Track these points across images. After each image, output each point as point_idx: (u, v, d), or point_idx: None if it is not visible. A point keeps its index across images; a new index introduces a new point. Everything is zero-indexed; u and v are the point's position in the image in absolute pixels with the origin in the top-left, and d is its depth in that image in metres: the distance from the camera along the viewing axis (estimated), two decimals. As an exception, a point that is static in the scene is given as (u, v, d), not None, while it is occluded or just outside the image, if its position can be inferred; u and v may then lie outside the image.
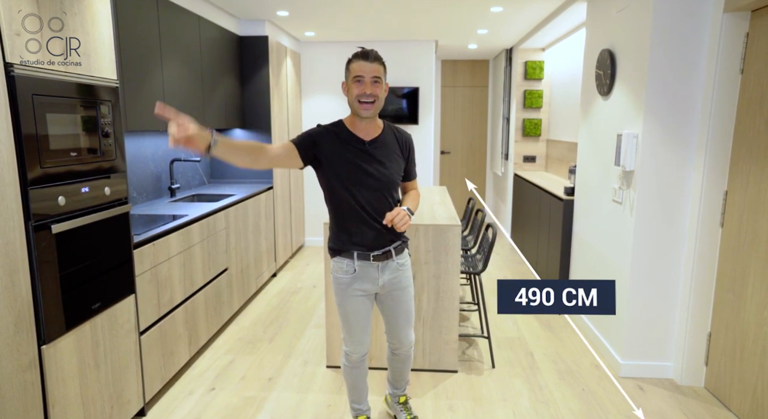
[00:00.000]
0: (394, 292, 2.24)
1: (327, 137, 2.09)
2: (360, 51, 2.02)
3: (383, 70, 2.02)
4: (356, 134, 2.10)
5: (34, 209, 1.85)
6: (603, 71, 3.36)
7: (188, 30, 3.68)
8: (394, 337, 2.33)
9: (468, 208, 4.31)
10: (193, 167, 4.49)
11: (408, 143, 2.22)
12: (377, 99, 2.02)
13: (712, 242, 2.77)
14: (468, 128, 7.68)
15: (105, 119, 2.25)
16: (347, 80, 2.05)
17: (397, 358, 2.41)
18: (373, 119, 2.10)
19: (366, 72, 1.98)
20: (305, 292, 4.56)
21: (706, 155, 2.72)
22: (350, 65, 2.04)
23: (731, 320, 2.66)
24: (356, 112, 2.06)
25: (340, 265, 2.19)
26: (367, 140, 2.10)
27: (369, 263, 2.15)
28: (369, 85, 1.99)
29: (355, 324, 2.22)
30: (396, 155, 2.15)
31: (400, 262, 2.22)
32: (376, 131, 2.13)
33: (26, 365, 1.84)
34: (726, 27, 2.58)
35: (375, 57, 2.00)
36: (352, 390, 2.40)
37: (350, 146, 2.08)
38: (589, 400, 2.77)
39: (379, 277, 2.18)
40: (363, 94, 1.99)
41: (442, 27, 5.08)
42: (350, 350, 2.27)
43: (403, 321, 2.29)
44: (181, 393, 2.85)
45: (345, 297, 2.19)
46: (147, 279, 2.61)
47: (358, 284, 2.17)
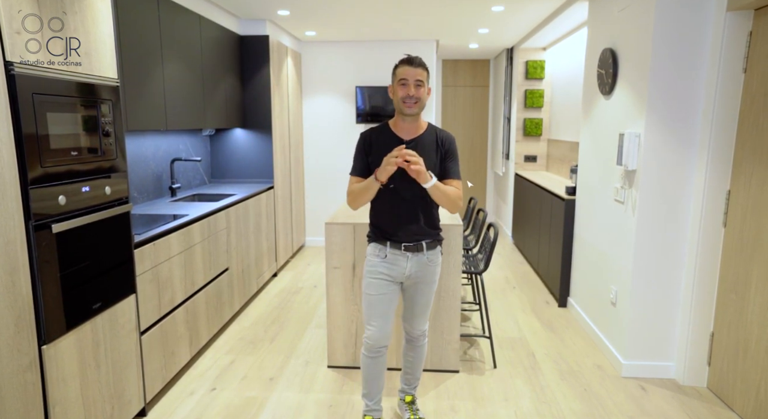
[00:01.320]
0: (419, 284, 2.36)
1: (372, 140, 2.30)
2: (406, 57, 2.22)
3: (426, 75, 2.22)
4: (398, 133, 2.30)
5: (35, 208, 1.84)
6: (605, 70, 3.35)
7: (189, 29, 3.67)
8: (409, 323, 2.47)
9: (469, 207, 4.30)
10: (193, 167, 4.48)
11: (447, 142, 2.32)
12: (420, 100, 2.21)
13: (714, 242, 2.76)
14: (469, 128, 7.67)
15: (105, 118, 2.24)
16: (393, 84, 2.25)
17: (409, 346, 2.52)
18: (416, 119, 2.28)
19: (410, 76, 2.18)
20: (306, 292, 4.56)
21: (709, 154, 2.71)
22: (396, 70, 2.24)
23: (734, 320, 2.65)
24: (401, 110, 2.24)
25: (374, 249, 2.35)
26: (406, 139, 2.27)
27: (400, 252, 2.29)
28: (413, 87, 2.19)
29: (376, 306, 2.31)
30: (433, 154, 2.28)
31: (431, 258, 2.34)
32: (418, 131, 2.30)
33: (26, 365, 1.83)
34: (729, 26, 2.57)
35: (419, 63, 2.21)
36: (365, 382, 2.43)
37: (390, 145, 2.24)
38: (591, 400, 2.76)
39: (407, 267, 2.30)
40: (407, 96, 2.19)
41: (442, 27, 5.07)
42: (369, 335, 2.34)
43: (420, 310, 2.43)
44: (182, 393, 2.84)
45: (372, 279, 2.32)
46: (148, 279, 2.60)
47: (385, 268, 2.30)
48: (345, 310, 3.07)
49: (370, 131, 2.34)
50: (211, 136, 4.88)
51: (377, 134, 2.32)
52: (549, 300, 4.33)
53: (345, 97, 5.93)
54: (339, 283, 3.03)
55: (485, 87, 7.58)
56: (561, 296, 4.15)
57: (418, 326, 2.46)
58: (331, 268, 3.02)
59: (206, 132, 4.70)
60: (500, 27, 5.12)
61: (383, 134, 2.31)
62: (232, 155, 4.92)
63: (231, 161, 4.93)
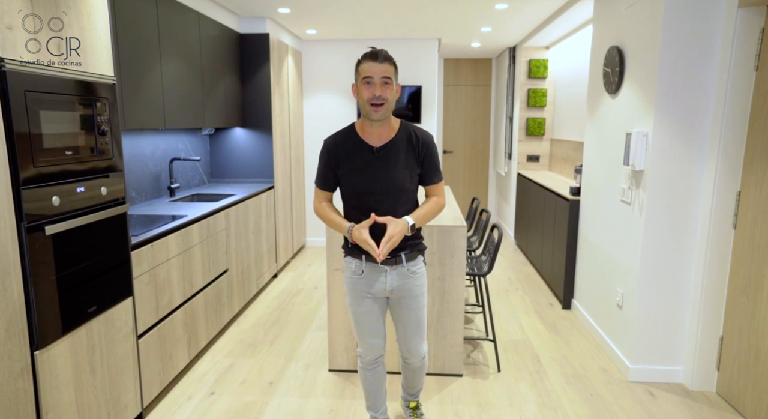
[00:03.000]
0: (404, 299, 2.17)
1: (338, 150, 2.07)
2: (369, 51, 1.95)
3: (394, 71, 1.96)
4: (366, 140, 2.05)
5: (27, 209, 1.78)
6: (611, 69, 3.29)
7: (188, 27, 3.61)
8: (404, 346, 2.27)
9: (472, 208, 4.24)
10: (193, 167, 4.42)
11: (424, 145, 2.07)
12: (387, 101, 1.95)
13: (724, 243, 2.70)
14: (471, 128, 7.61)
15: (102, 117, 2.18)
16: (357, 82, 1.99)
17: (408, 367, 2.37)
18: (385, 123, 2.04)
19: (375, 73, 1.92)
20: (307, 293, 4.50)
21: (719, 154, 2.64)
22: (359, 66, 1.98)
23: (745, 324, 2.59)
24: (367, 115, 1.99)
25: (349, 265, 2.18)
26: (376, 147, 2.04)
27: (377, 265, 2.11)
28: (378, 86, 1.93)
29: (364, 325, 2.19)
30: (409, 160, 2.06)
31: (412, 269, 2.14)
32: (389, 134, 2.06)
33: (18, 372, 1.77)
34: (740, 23, 2.51)
35: (385, 57, 1.93)
36: (367, 394, 2.37)
37: (359, 154, 2.04)
38: (598, 406, 2.70)
39: (387, 281, 2.12)
40: (373, 97, 1.93)
41: (445, 25, 5.01)
42: (363, 351, 2.25)
43: (411, 330, 2.21)
44: (180, 398, 2.78)
45: (354, 298, 2.18)
46: (145, 281, 2.54)
47: (365, 286, 2.14)
48: (346, 313, 3.01)
49: (334, 139, 2.08)
50: (211, 135, 4.82)
51: (342, 141, 2.06)
52: (553, 302, 4.27)
53: (346, 96, 5.87)
54: (340, 285, 2.97)
55: (487, 86, 7.52)
56: (565, 297, 4.09)
57: (415, 348, 2.23)
58: (333, 270, 2.96)
59: (206, 131, 4.64)
60: (503, 25, 5.05)
61: (349, 142, 2.05)
62: (231, 155, 4.86)
63: (231, 161, 4.87)
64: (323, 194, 2.16)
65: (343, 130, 2.11)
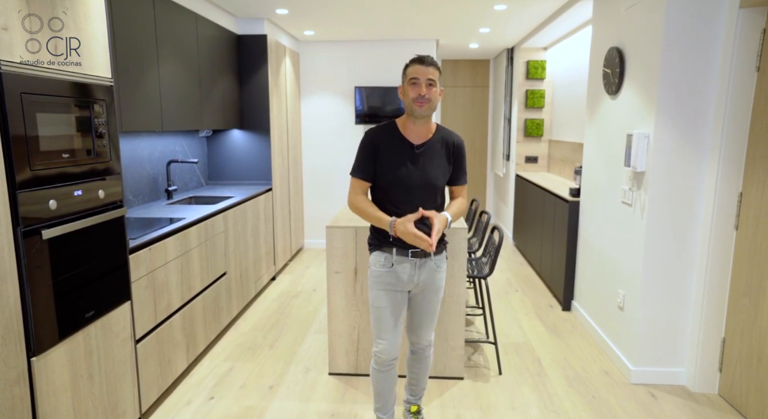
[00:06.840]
0: (426, 293, 2.27)
1: (380, 143, 2.18)
2: (417, 56, 2.14)
3: (438, 75, 2.13)
4: (407, 137, 2.18)
5: (23, 213, 1.75)
6: (611, 70, 3.28)
7: (185, 28, 3.58)
8: (414, 333, 2.37)
9: (472, 209, 4.22)
10: (190, 169, 4.39)
11: (457, 147, 2.24)
12: (431, 100, 2.11)
13: (726, 245, 2.69)
14: (469, 128, 7.60)
15: (99, 119, 2.16)
16: (404, 83, 2.16)
17: (415, 357, 2.43)
18: (426, 122, 2.18)
19: (421, 75, 2.09)
20: (305, 296, 4.47)
21: (721, 155, 2.63)
22: (407, 69, 2.15)
23: (747, 325, 2.58)
24: (412, 111, 2.13)
25: (378, 259, 2.23)
26: (416, 144, 2.17)
27: (407, 259, 2.19)
28: (424, 86, 2.09)
29: (387, 319, 2.22)
30: (443, 160, 2.21)
31: (438, 264, 2.26)
32: (427, 134, 2.20)
33: (14, 379, 1.74)
34: (742, 23, 2.50)
35: (430, 62, 2.11)
36: (377, 396, 2.36)
37: (400, 149, 2.17)
38: (600, 409, 2.69)
39: (416, 274, 2.21)
40: (419, 96, 2.09)
41: (443, 26, 5.00)
42: (380, 350, 2.25)
43: (427, 320, 2.34)
44: (179, 403, 2.75)
45: (379, 291, 2.22)
46: (143, 285, 2.51)
47: (393, 278, 2.20)
48: (346, 316, 2.98)
49: (376, 132, 2.21)
50: (208, 137, 4.79)
51: (385, 135, 2.19)
52: (552, 304, 4.26)
53: (344, 98, 5.85)
54: (340, 288, 2.95)
55: (485, 87, 7.51)
56: (565, 299, 4.08)
57: (425, 336, 2.37)
58: (333, 273, 2.94)
59: (203, 133, 4.61)
60: (502, 26, 5.04)
61: (392, 137, 2.18)
62: (229, 157, 4.83)
63: (228, 163, 4.84)
64: (360, 184, 2.21)
65: (385, 124, 2.24)
